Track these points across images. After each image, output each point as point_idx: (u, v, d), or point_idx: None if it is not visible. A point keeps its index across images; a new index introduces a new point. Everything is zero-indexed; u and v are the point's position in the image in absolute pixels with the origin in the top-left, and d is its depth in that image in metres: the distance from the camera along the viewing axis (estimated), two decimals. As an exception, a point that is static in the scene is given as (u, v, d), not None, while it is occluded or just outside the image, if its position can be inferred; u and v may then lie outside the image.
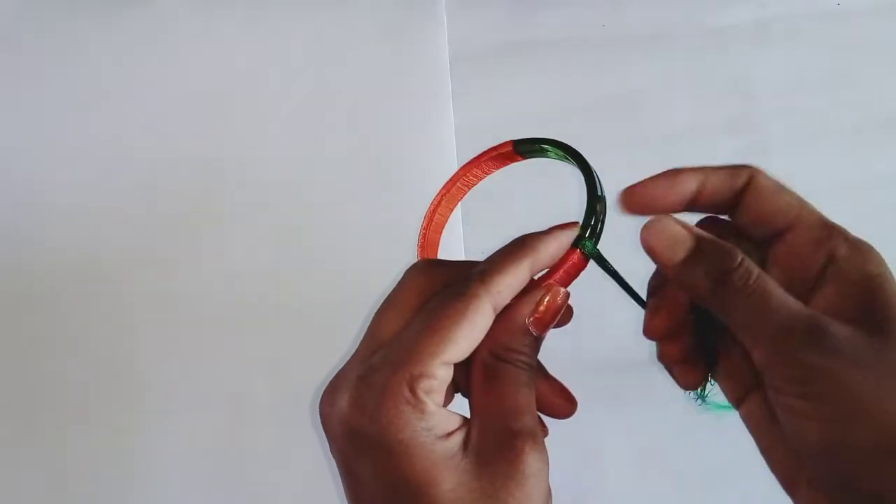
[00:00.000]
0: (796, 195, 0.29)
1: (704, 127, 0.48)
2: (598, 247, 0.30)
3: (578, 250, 0.29)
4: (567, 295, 0.29)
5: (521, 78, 0.48)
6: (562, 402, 0.30)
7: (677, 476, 0.38)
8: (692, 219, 0.29)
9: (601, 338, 0.42)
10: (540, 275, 0.30)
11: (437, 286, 0.29)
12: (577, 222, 0.30)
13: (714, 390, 0.35)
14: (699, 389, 0.34)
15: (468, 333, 0.27)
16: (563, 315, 0.30)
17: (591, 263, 0.30)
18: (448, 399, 0.31)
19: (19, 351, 0.42)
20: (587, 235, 0.30)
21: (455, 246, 0.45)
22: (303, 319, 0.44)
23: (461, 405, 0.29)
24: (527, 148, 0.33)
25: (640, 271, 0.30)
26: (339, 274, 0.44)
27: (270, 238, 0.44)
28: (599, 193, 0.30)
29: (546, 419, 0.31)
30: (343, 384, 0.28)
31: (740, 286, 0.27)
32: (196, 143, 0.45)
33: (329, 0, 0.47)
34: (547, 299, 0.28)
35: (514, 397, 0.28)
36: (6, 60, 0.45)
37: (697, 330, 0.31)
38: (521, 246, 0.28)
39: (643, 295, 0.30)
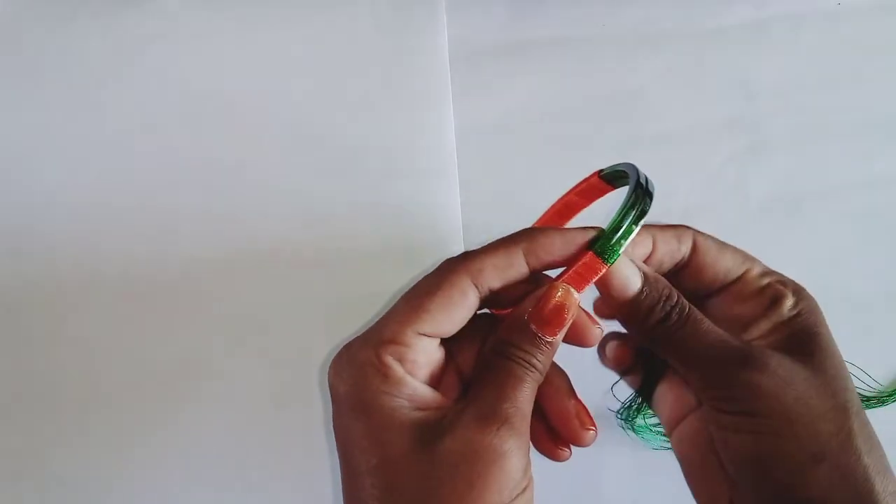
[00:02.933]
0: (738, 250, 0.32)
1: (704, 127, 0.48)
2: None
3: (591, 252, 0.28)
4: (573, 297, 0.28)
5: (521, 78, 0.48)
6: (577, 427, 0.30)
7: (678, 486, 0.38)
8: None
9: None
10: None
11: None
12: (599, 227, 0.29)
13: (640, 420, 0.37)
14: (628, 413, 0.35)
15: (441, 305, 0.27)
16: (583, 332, 0.30)
17: None
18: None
19: (17, 350, 0.42)
20: (606, 237, 0.28)
21: (455, 245, 0.45)
22: (301, 319, 0.44)
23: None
24: (609, 176, 0.32)
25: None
26: (339, 273, 0.44)
27: (270, 237, 0.44)
28: (639, 200, 0.29)
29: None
30: (336, 353, 0.29)
31: (675, 320, 0.29)
32: (196, 142, 0.45)
33: (329, 0, 0.47)
34: (556, 296, 0.28)
35: (499, 386, 0.27)
36: (6, 60, 0.45)
37: (642, 361, 0.33)
38: (517, 234, 0.29)
39: None
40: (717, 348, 0.28)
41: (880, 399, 0.44)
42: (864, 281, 0.47)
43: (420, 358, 0.28)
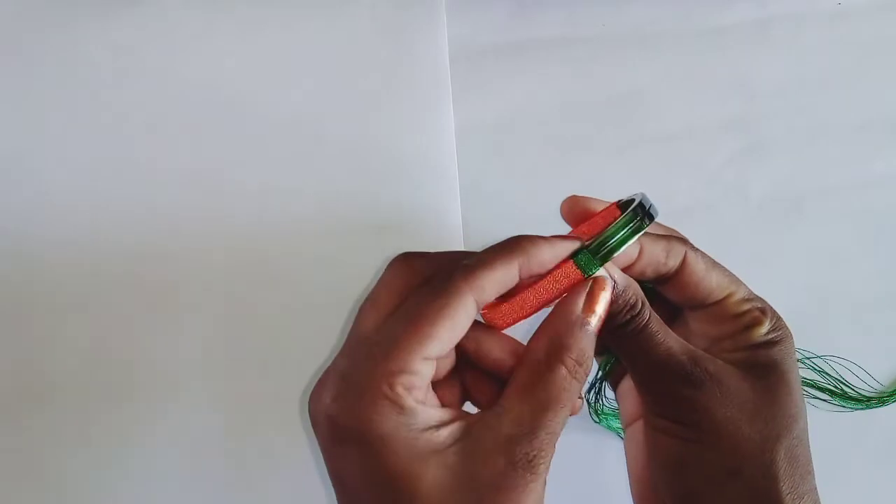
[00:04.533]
0: (726, 272, 0.32)
1: (704, 126, 0.48)
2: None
3: (571, 261, 0.29)
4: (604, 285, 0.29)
5: (522, 78, 0.48)
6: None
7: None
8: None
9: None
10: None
11: (418, 280, 0.29)
12: (582, 240, 0.30)
13: (608, 410, 0.39)
14: (594, 401, 0.37)
15: (449, 329, 0.27)
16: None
17: None
18: (456, 404, 0.31)
19: (15, 350, 0.43)
20: (588, 249, 0.29)
21: (455, 245, 0.45)
22: (299, 320, 0.44)
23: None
24: (626, 205, 0.32)
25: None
26: (339, 273, 0.44)
27: (269, 237, 0.44)
28: (631, 216, 0.29)
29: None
30: (328, 381, 0.28)
31: (632, 328, 0.30)
32: (195, 142, 0.45)
33: (329, 0, 0.47)
34: (603, 293, 0.29)
35: (552, 412, 0.27)
36: (6, 60, 0.45)
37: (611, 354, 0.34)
38: (512, 245, 0.29)
39: None
40: (663, 360, 0.29)
41: (880, 399, 0.44)
42: (864, 280, 0.47)
43: (426, 382, 0.27)
